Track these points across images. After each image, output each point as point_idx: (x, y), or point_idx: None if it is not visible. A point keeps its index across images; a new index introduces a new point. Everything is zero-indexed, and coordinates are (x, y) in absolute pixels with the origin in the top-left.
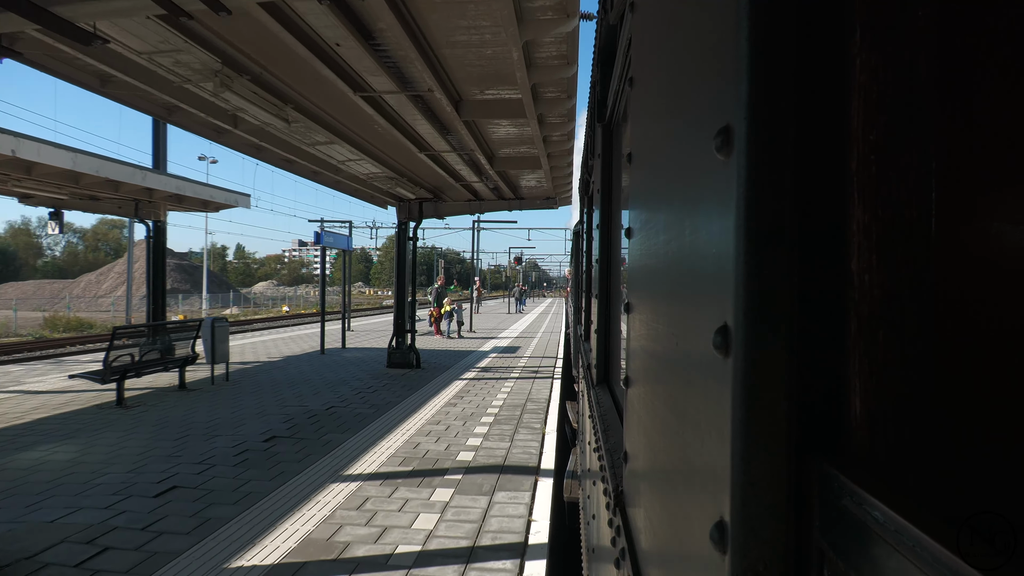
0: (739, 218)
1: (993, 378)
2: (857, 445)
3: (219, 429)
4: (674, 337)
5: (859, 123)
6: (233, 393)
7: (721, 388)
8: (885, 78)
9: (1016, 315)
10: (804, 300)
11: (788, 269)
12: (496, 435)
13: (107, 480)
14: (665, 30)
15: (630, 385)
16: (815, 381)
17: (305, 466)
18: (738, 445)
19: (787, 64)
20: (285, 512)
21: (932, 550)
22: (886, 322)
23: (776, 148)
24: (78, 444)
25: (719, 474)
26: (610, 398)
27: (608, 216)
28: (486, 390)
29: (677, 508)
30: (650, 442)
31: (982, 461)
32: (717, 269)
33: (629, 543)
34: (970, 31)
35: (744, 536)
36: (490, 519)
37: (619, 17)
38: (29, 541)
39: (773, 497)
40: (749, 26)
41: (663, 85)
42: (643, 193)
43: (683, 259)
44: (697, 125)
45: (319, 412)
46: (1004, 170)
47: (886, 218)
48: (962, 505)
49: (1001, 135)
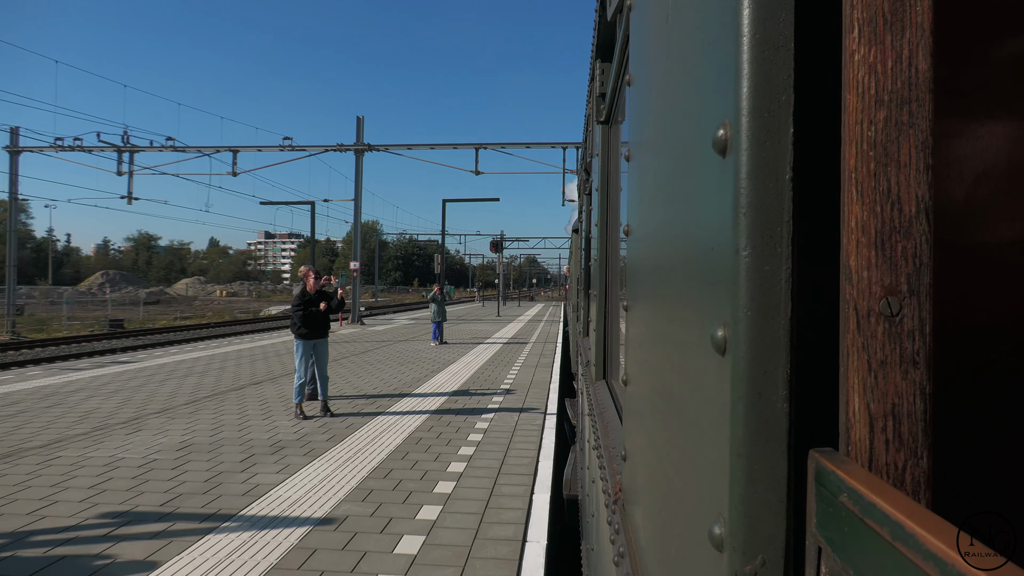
0: (737, 216)
1: (992, 375)
2: (855, 442)
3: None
4: (673, 335)
5: (857, 121)
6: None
7: (719, 386)
8: (883, 75)
9: (1014, 312)
10: (802, 298)
11: (786, 267)
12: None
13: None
14: (663, 28)
15: (629, 383)
16: (813, 379)
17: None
18: (736, 443)
19: (785, 62)
20: None
21: (931, 548)
22: (884, 319)
23: (774, 146)
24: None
25: (718, 471)
26: (609, 395)
27: (606, 214)
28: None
29: (676, 505)
30: (649, 440)
31: (981, 459)
32: (715, 267)
33: (628, 541)
34: (968, 29)
35: (742, 533)
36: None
37: (616, 13)
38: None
39: (771, 494)
40: (747, 24)
41: (661, 83)
42: (641, 191)
43: (681, 257)
44: (695, 123)
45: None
46: (1001, 167)
47: (884, 215)
48: (961, 503)
49: (998, 132)
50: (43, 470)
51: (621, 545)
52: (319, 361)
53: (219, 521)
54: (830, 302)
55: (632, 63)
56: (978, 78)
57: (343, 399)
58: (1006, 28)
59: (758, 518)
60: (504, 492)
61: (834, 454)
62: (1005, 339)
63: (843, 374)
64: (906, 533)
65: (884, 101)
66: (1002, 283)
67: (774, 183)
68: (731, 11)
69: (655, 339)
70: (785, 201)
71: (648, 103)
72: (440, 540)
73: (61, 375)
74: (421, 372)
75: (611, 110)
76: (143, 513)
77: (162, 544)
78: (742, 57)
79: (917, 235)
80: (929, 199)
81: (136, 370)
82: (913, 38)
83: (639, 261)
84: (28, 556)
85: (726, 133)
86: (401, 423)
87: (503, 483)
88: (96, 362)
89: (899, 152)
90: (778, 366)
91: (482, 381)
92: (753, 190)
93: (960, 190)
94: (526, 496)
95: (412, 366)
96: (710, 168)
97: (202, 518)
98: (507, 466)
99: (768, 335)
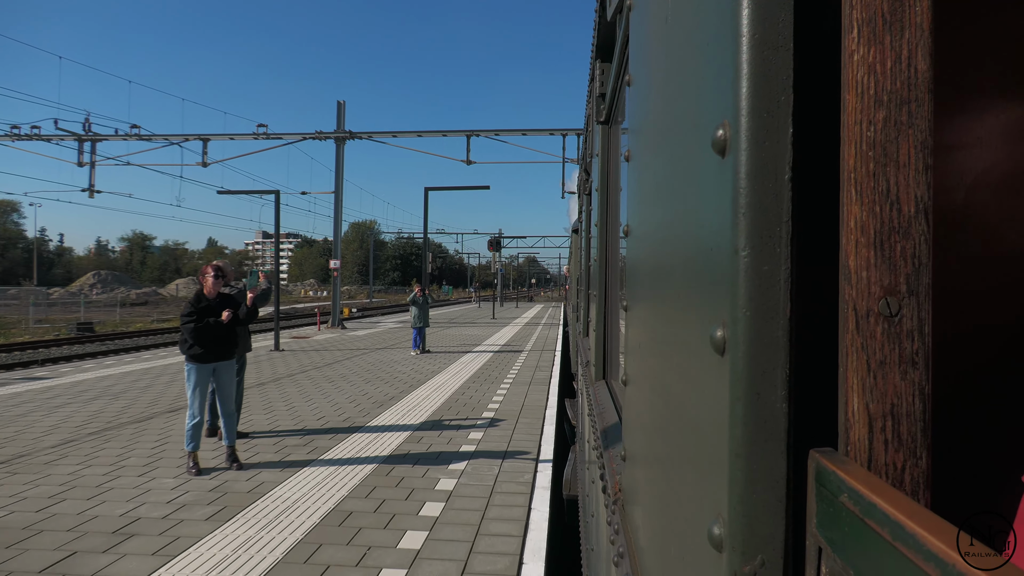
0: (736, 216)
1: (990, 375)
2: (854, 443)
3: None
4: (672, 335)
5: (856, 121)
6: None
7: (719, 386)
8: (882, 76)
9: (1013, 312)
10: (801, 298)
11: (785, 267)
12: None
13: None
14: (662, 28)
15: (629, 383)
16: (812, 379)
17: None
18: (736, 443)
19: (784, 62)
20: None
21: (932, 548)
22: (884, 319)
23: (773, 146)
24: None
25: (717, 472)
26: (609, 395)
27: (606, 214)
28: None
29: (675, 506)
30: (649, 440)
31: (980, 459)
32: (715, 267)
33: (628, 541)
34: (967, 29)
35: (741, 533)
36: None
37: (616, 14)
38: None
39: (771, 494)
40: (747, 24)
41: (661, 83)
42: (641, 191)
43: (681, 257)
44: (695, 123)
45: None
46: (1000, 167)
47: (883, 215)
48: (960, 503)
49: (997, 132)
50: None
51: (621, 545)
52: (221, 393)
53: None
54: (829, 302)
55: (632, 63)
56: (977, 79)
57: (270, 437)
58: (1005, 28)
59: (757, 518)
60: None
61: (834, 454)
62: (1004, 339)
63: (842, 374)
64: (906, 533)
65: (883, 101)
66: (1001, 283)
67: (773, 183)
68: (730, 11)
69: (654, 339)
70: (784, 201)
71: (648, 103)
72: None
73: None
74: (388, 392)
75: (611, 110)
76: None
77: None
78: (741, 57)
79: (916, 235)
80: (928, 199)
81: (40, 389)
82: (912, 38)
83: (638, 261)
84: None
85: (725, 133)
86: (332, 481)
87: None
88: (26, 374)
89: (898, 152)
90: (777, 366)
91: (461, 406)
92: (752, 190)
93: (959, 190)
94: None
95: (381, 383)
96: (709, 168)
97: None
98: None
99: (767, 335)
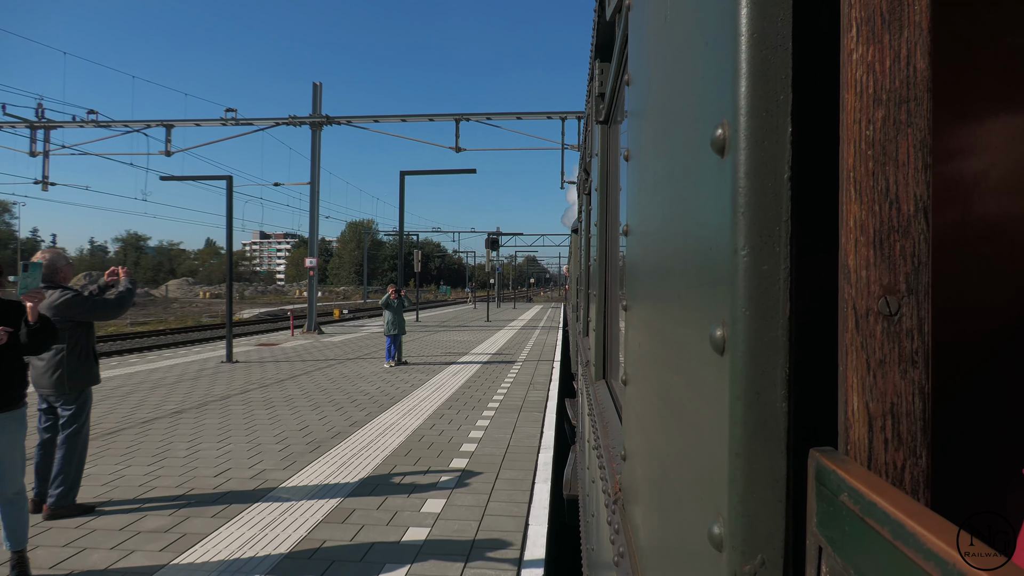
0: (736, 215)
1: (990, 374)
2: (854, 442)
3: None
4: (672, 335)
5: (855, 120)
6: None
7: (719, 385)
8: (881, 75)
9: (1013, 311)
10: (801, 297)
11: (784, 266)
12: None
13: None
14: (661, 28)
15: (628, 383)
16: (812, 378)
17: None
18: (735, 442)
19: (783, 61)
20: None
21: (932, 547)
22: (883, 318)
23: (772, 146)
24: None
25: (717, 471)
26: (609, 395)
27: (606, 214)
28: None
29: (675, 505)
30: (649, 440)
31: (980, 458)
32: (714, 267)
33: (628, 541)
34: (966, 29)
35: (741, 533)
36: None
37: (615, 13)
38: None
39: (770, 494)
40: (746, 23)
41: (660, 83)
42: (640, 191)
43: (680, 257)
44: (694, 123)
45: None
46: (1000, 166)
47: (882, 214)
48: (960, 503)
49: (996, 131)
50: None
51: (621, 545)
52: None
53: None
54: (828, 301)
55: (631, 63)
56: (976, 77)
57: (127, 512)
58: (1004, 28)
59: (757, 517)
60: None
61: (834, 453)
62: (1003, 338)
63: (842, 373)
64: (907, 532)
65: (882, 100)
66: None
67: (772, 182)
68: (729, 10)
69: (654, 339)
70: (783, 200)
71: (647, 103)
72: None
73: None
74: (335, 425)
75: (610, 110)
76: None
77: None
78: (740, 56)
79: (915, 234)
80: (927, 198)
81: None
82: (911, 37)
83: (638, 261)
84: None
85: (724, 132)
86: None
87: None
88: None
89: (897, 151)
90: (777, 365)
91: (425, 448)
92: (751, 189)
93: (958, 189)
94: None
95: (332, 409)
96: (708, 168)
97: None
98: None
99: (767, 334)
